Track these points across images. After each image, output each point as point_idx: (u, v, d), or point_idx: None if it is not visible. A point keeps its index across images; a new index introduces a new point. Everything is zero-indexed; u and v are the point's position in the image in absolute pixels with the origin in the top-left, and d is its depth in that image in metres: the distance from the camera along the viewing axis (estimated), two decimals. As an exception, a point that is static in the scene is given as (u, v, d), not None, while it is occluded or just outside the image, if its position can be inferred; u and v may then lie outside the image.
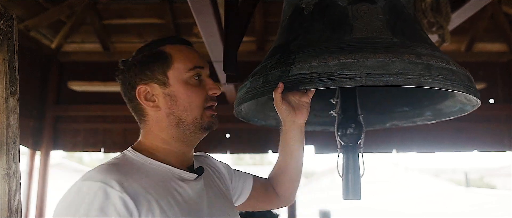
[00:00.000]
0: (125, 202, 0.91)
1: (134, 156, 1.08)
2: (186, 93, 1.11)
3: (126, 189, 0.93)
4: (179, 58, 1.13)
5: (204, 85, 1.15)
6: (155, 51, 1.14)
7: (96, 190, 0.91)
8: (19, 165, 1.20)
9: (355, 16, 1.33)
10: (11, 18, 1.24)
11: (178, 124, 1.11)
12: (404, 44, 1.28)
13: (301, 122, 1.38)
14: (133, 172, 1.01)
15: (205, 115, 1.13)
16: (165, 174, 1.06)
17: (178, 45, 1.16)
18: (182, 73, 1.11)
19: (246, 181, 1.43)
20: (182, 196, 1.04)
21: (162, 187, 1.01)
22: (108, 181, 0.92)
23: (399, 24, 1.36)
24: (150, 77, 1.11)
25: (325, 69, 1.18)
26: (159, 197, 0.97)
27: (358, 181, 1.47)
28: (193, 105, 1.11)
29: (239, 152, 5.02)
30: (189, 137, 1.13)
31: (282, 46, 1.43)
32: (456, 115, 1.57)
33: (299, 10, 1.45)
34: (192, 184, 1.10)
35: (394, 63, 1.15)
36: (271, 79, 1.29)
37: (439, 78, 1.17)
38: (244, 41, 1.82)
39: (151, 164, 1.07)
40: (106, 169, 0.98)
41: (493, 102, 4.58)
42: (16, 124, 1.21)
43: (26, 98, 4.28)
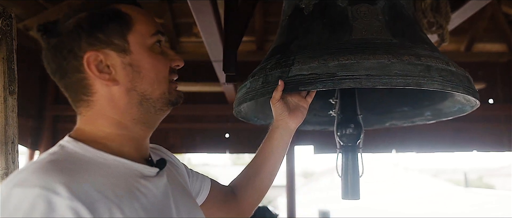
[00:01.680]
0: (77, 212, 0.66)
1: (77, 148, 0.82)
2: (152, 63, 0.88)
3: (77, 194, 0.68)
4: (140, 19, 0.89)
5: (165, 54, 0.92)
6: (109, 9, 0.87)
7: (34, 200, 0.64)
8: (18, 164, 1.20)
9: (355, 17, 1.34)
10: (10, 17, 1.24)
11: (141, 101, 0.87)
12: (403, 45, 1.28)
13: (293, 126, 1.32)
14: (82, 171, 0.75)
15: (171, 89, 0.92)
16: (122, 170, 0.82)
17: (132, 6, 0.91)
18: (146, 38, 0.88)
19: (203, 183, 1.22)
20: (147, 198, 0.82)
21: (123, 189, 0.78)
22: (51, 185, 0.67)
23: (399, 25, 1.36)
24: (103, 41, 0.84)
25: (325, 70, 1.18)
26: (121, 201, 0.75)
27: (357, 181, 1.48)
28: (160, 77, 0.89)
29: (239, 152, 5.02)
30: (153, 116, 0.91)
31: (282, 46, 1.43)
32: (455, 115, 1.57)
33: (299, 10, 1.45)
34: (155, 181, 0.87)
35: (394, 64, 1.15)
36: (271, 79, 1.29)
37: (438, 79, 1.17)
38: (244, 41, 1.81)
39: (102, 158, 0.82)
40: (45, 169, 0.72)
41: (492, 102, 4.58)
42: (15, 123, 1.21)
43: (25, 98, 4.27)
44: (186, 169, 1.18)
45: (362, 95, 1.64)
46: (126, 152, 0.87)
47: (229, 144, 4.66)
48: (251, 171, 1.36)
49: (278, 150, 1.35)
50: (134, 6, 0.91)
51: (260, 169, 1.35)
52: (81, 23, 0.84)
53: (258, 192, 1.36)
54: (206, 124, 4.63)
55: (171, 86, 0.92)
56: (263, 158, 1.35)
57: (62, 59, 0.85)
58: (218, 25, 2.19)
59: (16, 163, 1.21)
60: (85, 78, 0.85)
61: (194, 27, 3.92)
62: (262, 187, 1.36)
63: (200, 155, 30.28)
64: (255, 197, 1.35)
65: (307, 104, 1.34)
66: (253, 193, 1.35)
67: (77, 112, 0.93)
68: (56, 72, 0.88)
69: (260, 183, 1.35)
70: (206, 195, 1.22)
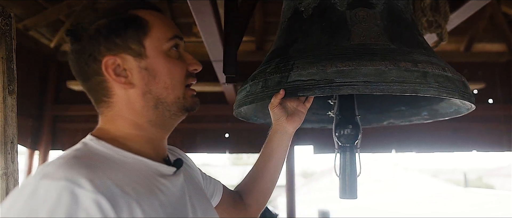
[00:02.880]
0: (100, 205, 0.69)
1: (99, 146, 0.86)
2: (167, 67, 0.90)
3: (100, 188, 0.71)
4: (157, 24, 0.92)
5: (183, 59, 0.95)
6: (127, 15, 0.91)
7: (60, 192, 0.68)
8: (17, 164, 1.20)
9: (354, 21, 1.35)
10: (9, 16, 1.24)
11: (156, 105, 0.90)
12: (401, 50, 1.30)
13: (291, 130, 1.35)
14: (103, 167, 0.79)
15: (187, 94, 0.94)
16: (141, 168, 0.86)
17: (152, 11, 0.94)
18: (163, 43, 0.91)
19: (216, 188, 1.26)
20: (166, 196, 0.85)
21: (142, 186, 0.81)
22: (75, 179, 0.70)
23: (397, 29, 1.38)
24: (121, 46, 0.88)
25: (323, 76, 1.20)
26: (140, 198, 0.77)
27: (355, 181, 1.50)
28: (175, 81, 0.91)
29: (238, 152, 5.02)
30: (168, 120, 0.93)
31: (281, 49, 1.44)
32: (451, 116, 1.60)
33: (298, 12, 1.46)
34: (172, 180, 0.91)
35: (391, 71, 1.17)
36: (270, 84, 1.30)
37: (434, 85, 1.19)
38: (244, 41, 1.82)
39: (123, 156, 0.85)
40: (70, 163, 0.75)
41: (492, 102, 4.58)
42: (14, 123, 1.21)
43: (25, 98, 4.27)
44: (200, 172, 1.21)
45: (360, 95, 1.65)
46: (144, 151, 0.90)
47: (229, 144, 4.66)
48: (254, 175, 1.40)
49: (278, 153, 1.38)
50: (153, 11, 0.94)
51: (262, 172, 1.38)
52: (100, 29, 0.88)
53: (263, 194, 1.40)
54: (206, 124, 4.63)
55: (186, 92, 0.94)
56: (264, 161, 1.39)
57: (83, 63, 0.89)
58: (218, 25, 2.20)
59: (16, 163, 1.21)
60: (104, 81, 0.89)
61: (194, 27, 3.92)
62: (266, 189, 1.39)
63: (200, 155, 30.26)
64: (260, 199, 1.39)
65: (305, 109, 1.37)
66: (259, 195, 1.38)
67: (99, 112, 0.96)
68: (79, 75, 0.92)
69: (264, 185, 1.39)
70: (219, 200, 1.27)
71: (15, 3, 3.79)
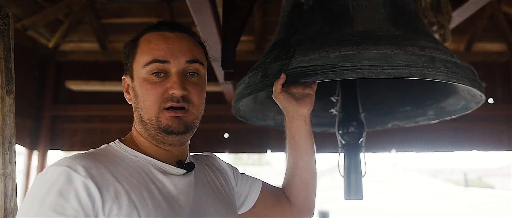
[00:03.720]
0: (88, 188, 0.84)
1: (117, 147, 1.01)
2: (141, 91, 0.99)
3: (92, 175, 0.86)
4: (142, 49, 1.01)
5: (166, 82, 0.99)
6: (134, 39, 1.05)
7: (59, 174, 0.85)
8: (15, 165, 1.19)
9: (356, 10, 1.31)
10: (7, 16, 1.23)
11: (141, 121, 1.01)
12: (406, 36, 1.24)
13: (306, 112, 1.28)
14: (108, 161, 0.94)
15: (163, 117, 0.98)
16: (145, 165, 0.98)
17: (155, 33, 1.03)
18: (140, 67, 1.00)
19: (253, 186, 1.29)
20: (160, 190, 0.95)
21: (138, 179, 0.93)
22: (74, 166, 0.86)
23: (401, 18, 1.33)
24: (126, 67, 1.06)
25: (326, 61, 1.15)
26: (132, 188, 0.90)
27: (360, 181, 1.45)
28: (147, 105, 0.99)
29: (238, 152, 5.02)
30: (156, 137, 1.01)
31: (282, 41, 1.40)
32: (459, 113, 1.53)
33: (298, 4, 1.43)
34: (176, 179, 1.00)
35: (397, 54, 1.12)
36: (270, 73, 1.26)
37: (443, 70, 1.14)
38: (243, 41, 1.81)
39: (132, 155, 0.99)
40: (78, 156, 0.91)
41: (492, 102, 4.57)
42: (12, 123, 1.20)
43: (24, 98, 4.26)
44: (236, 174, 1.28)
45: (363, 95, 1.61)
46: (153, 154, 1.02)
47: (228, 144, 4.66)
48: (289, 171, 1.36)
49: (303, 142, 1.32)
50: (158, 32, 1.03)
51: (295, 166, 1.34)
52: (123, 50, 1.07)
53: (305, 187, 1.34)
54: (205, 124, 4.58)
55: (162, 114, 0.98)
56: (293, 156, 1.34)
57: None
58: (216, 24, 2.19)
59: (14, 163, 1.19)
60: None
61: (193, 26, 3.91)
62: (306, 181, 1.34)
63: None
64: (303, 193, 1.34)
65: (313, 91, 1.30)
66: (300, 190, 1.34)
67: None
68: None
69: (301, 178, 1.33)
70: (256, 198, 1.28)
71: (14, 2, 3.78)
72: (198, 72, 1.04)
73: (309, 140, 1.32)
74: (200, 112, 1.05)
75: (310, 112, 1.30)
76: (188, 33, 1.06)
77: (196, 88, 1.02)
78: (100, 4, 4.36)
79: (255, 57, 4.26)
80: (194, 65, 1.02)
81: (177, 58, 0.99)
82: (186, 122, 1.00)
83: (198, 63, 1.03)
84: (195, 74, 1.03)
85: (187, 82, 1.00)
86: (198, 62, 1.03)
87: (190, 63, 1.01)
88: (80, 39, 4.70)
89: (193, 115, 1.02)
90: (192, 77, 1.02)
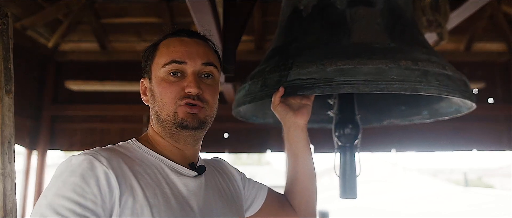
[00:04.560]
0: (108, 177, 0.90)
1: (134, 144, 1.08)
2: (159, 90, 1.07)
3: (113, 166, 0.93)
4: (161, 52, 1.10)
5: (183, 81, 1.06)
6: (154, 44, 1.13)
7: (82, 160, 0.91)
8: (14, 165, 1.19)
9: (354, 19, 1.34)
10: (6, 15, 1.23)
11: (158, 119, 1.08)
12: (401, 49, 1.29)
13: (302, 123, 1.36)
14: (125, 157, 1.00)
15: (180, 111, 1.05)
16: (159, 165, 1.04)
17: (174, 38, 1.11)
18: (159, 69, 1.08)
19: (259, 192, 1.35)
20: (172, 190, 1.00)
21: (152, 177, 0.99)
22: (97, 155, 0.93)
23: (397, 28, 1.37)
24: (145, 70, 1.13)
25: (323, 75, 1.19)
26: (146, 185, 0.96)
27: (354, 181, 1.50)
28: (164, 102, 1.06)
29: (237, 152, 5.02)
30: (172, 134, 1.07)
31: (281, 48, 1.43)
32: (452, 115, 1.59)
33: (297, 11, 1.45)
34: (187, 180, 1.06)
35: (391, 69, 1.17)
36: (269, 83, 1.30)
37: (435, 84, 1.19)
38: (243, 41, 1.81)
39: (148, 153, 1.06)
40: (100, 148, 0.99)
41: (492, 102, 4.58)
42: (11, 123, 1.20)
43: (23, 98, 4.25)
44: (243, 178, 1.34)
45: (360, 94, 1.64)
46: (167, 155, 1.08)
47: (228, 144, 4.66)
48: (290, 178, 1.42)
49: (301, 150, 1.38)
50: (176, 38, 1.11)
51: (295, 173, 1.40)
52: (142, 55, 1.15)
53: (306, 193, 1.40)
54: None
55: (179, 109, 1.05)
56: (292, 162, 1.40)
57: None
58: (216, 24, 2.18)
59: (13, 163, 1.19)
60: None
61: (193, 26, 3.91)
62: (306, 187, 1.39)
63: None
64: (304, 198, 1.40)
65: (310, 102, 1.37)
66: (302, 195, 1.39)
67: None
68: None
69: (301, 184, 1.39)
70: (262, 203, 1.34)
71: (13, 2, 3.78)
72: (213, 74, 1.11)
73: (307, 148, 1.40)
74: (214, 111, 1.12)
75: (306, 122, 1.37)
76: (205, 40, 1.15)
77: (210, 89, 1.09)
78: (100, 4, 4.35)
79: (255, 57, 4.26)
80: (209, 68, 1.09)
81: (194, 60, 1.07)
82: (200, 118, 1.07)
83: (212, 66, 1.10)
84: (209, 76, 1.10)
85: (201, 82, 1.07)
86: (212, 65, 1.10)
87: (205, 65, 1.08)
88: (79, 39, 4.70)
89: (207, 112, 1.09)
90: (206, 78, 1.10)
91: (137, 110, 4.46)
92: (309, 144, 1.39)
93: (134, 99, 3.69)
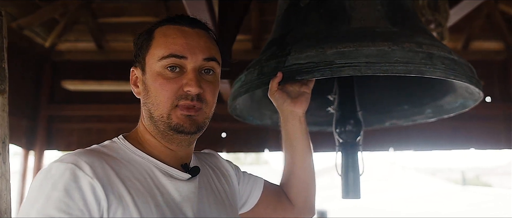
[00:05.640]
0: (94, 188, 0.82)
1: (122, 144, 0.99)
2: (154, 86, 0.96)
3: (98, 175, 0.84)
4: (158, 42, 0.98)
5: (182, 78, 0.96)
6: (148, 30, 1.02)
7: (64, 170, 0.83)
8: (9, 165, 1.18)
9: (353, 7, 1.29)
10: (0, 14, 1.22)
11: (150, 117, 0.98)
12: (404, 33, 1.24)
13: (300, 112, 1.27)
14: (113, 160, 0.92)
15: (174, 115, 0.96)
16: (150, 168, 0.96)
17: (173, 26, 1.00)
18: (154, 62, 0.96)
19: (255, 185, 1.26)
20: (164, 196, 0.92)
21: (142, 182, 0.91)
22: (79, 163, 0.84)
23: (399, 15, 1.33)
24: (137, 59, 1.02)
25: (322, 58, 1.14)
26: (136, 192, 0.88)
27: (358, 180, 1.44)
28: (159, 100, 0.96)
29: (236, 151, 5.01)
30: (165, 135, 0.98)
31: (278, 39, 1.39)
32: (457, 111, 1.53)
33: (295, 2, 1.42)
34: (180, 184, 0.97)
35: (394, 51, 1.11)
36: (266, 71, 1.25)
37: (441, 67, 1.13)
38: (240, 40, 1.80)
39: (136, 154, 0.97)
40: (82, 152, 0.89)
41: (489, 101, 4.57)
42: (6, 123, 1.18)
43: (19, 98, 4.23)
44: (237, 173, 1.25)
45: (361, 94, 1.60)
46: (159, 155, 0.99)
47: (226, 144, 4.64)
48: (286, 171, 1.34)
49: (298, 140, 1.30)
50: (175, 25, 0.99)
51: (292, 166, 1.32)
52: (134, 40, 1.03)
53: (304, 188, 1.32)
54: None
55: (174, 112, 0.96)
56: (290, 155, 1.32)
57: None
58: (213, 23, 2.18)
59: (8, 163, 1.18)
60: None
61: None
62: (304, 181, 1.32)
63: (197, 154, 30.11)
64: (303, 193, 1.32)
65: (309, 89, 1.28)
66: (300, 190, 1.32)
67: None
68: None
69: (299, 178, 1.31)
70: (258, 197, 1.25)
71: (9, 2, 3.76)
72: (214, 70, 1.02)
73: (305, 139, 1.31)
74: (212, 111, 1.04)
75: (304, 111, 1.28)
76: (207, 30, 1.05)
77: (211, 87, 1.00)
78: (97, 3, 4.34)
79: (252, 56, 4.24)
80: (211, 63, 1.00)
81: (195, 54, 0.97)
82: (198, 122, 0.99)
83: (214, 62, 1.01)
84: (210, 72, 1.01)
85: (202, 80, 0.98)
86: (214, 60, 1.01)
87: (207, 61, 0.99)
88: (76, 39, 4.68)
89: (205, 114, 1.01)
90: (207, 75, 1.00)
91: (135, 109, 4.40)
92: (308, 135, 1.31)
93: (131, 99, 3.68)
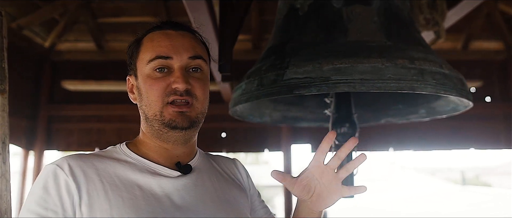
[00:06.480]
0: (68, 185, 0.92)
1: (119, 148, 1.06)
2: (145, 87, 1.02)
3: (74, 173, 0.94)
4: (146, 47, 1.04)
5: (170, 77, 1.00)
6: (137, 39, 1.08)
7: (48, 171, 0.94)
8: (9, 165, 1.18)
9: (350, 18, 1.34)
10: (0, 14, 1.22)
11: (146, 119, 1.04)
12: (398, 47, 1.29)
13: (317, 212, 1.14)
14: (101, 160, 1.00)
15: (166, 111, 1.00)
16: (137, 167, 1.01)
17: (158, 31, 1.05)
18: (144, 65, 1.02)
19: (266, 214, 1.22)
20: (143, 191, 0.95)
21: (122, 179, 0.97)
22: (62, 164, 0.95)
23: (394, 26, 1.37)
24: (130, 67, 1.09)
25: (319, 74, 1.19)
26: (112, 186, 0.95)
27: (352, 180, 1.49)
28: (150, 100, 1.01)
29: (235, 151, 5.01)
30: (160, 134, 1.02)
31: (277, 47, 1.43)
32: (449, 114, 1.60)
33: (294, 10, 1.45)
34: (164, 180, 0.99)
35: (388, 68, 1.17)
36: (266, 82, 1.30)
37: (431, 82, 1.19)
38: (240, 40, 1.80)
39: (129, 156, 1.03)
40: (71, 155, 1.00)
41: (489, 100, 4.58)
42: (6, 123, 1.18)
43: (19, 98, 4.23)
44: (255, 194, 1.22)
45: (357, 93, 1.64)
46: (152, 155, 1.04)
47: (226, 143, 4.65)
48: None
49: None
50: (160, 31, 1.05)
51: None
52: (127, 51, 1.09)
53: None
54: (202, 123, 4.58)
55: (166, 108, 1.00)
56: None
57: None
58: (213, 23, 2.18)
59: (7, 163, 1.18)
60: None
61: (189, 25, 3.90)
62: None
63: (197, 154, 30.06)
64: None
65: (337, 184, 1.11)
66: None
67: None
68: None
69: None
70: None
71: (9, 2, 3.76)
72: (201, 67, 1.05)
73: None
74: (204, 107, 1.07)
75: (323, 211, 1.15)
76: (191, 31, 1.09)
77: (200, 83, 1.04)
78: (96, 3, 4.34)
79: (252, 56, 4.25)
80: (197, 61, 1.04)
81: (180, 54, 1.01)
82: (191, 117, 1.02)
83: (200, 59, 1.04)
84: (198, 70, 1.05)
85: (190, 77, 1.02)
86: (200, 58, 1.04)
87: (193, 59, 1.03)
88: (76, 39, 4.69)
89: (197, 109, 1.04)
90: (195, 72, 1.04)
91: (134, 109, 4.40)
92: None
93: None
